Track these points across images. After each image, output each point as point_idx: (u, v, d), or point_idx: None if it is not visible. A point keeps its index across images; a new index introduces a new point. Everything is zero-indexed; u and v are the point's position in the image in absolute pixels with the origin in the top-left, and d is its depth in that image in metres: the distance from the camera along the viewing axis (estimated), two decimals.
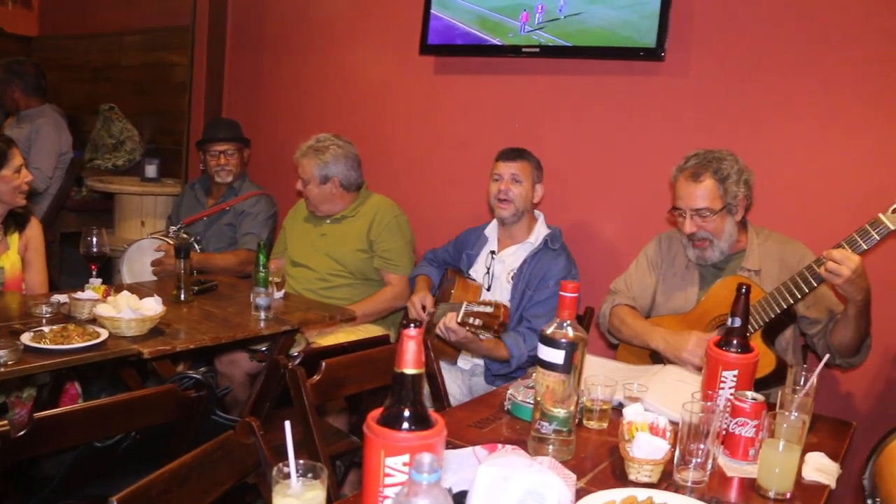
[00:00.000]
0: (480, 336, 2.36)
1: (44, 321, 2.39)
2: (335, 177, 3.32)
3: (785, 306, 2.23)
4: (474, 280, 2.97)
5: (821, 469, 1.68)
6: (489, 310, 2.31)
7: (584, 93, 3.36)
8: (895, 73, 2.65)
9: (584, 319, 3.04)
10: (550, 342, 1.61)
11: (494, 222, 3.02)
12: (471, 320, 2.32)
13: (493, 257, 2.95)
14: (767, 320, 2.27)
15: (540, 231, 2.93)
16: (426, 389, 2.33)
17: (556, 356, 1.61)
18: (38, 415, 1.61)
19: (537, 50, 3.36)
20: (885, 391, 2.76)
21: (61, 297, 2.57)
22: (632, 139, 3.24)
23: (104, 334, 2.27)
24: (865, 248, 2.09)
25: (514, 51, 3.44)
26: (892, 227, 2.06)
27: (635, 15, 3.09)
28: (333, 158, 3.31)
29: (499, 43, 3.49)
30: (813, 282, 2.16)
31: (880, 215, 2.08)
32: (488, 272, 2.94)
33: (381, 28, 4.06)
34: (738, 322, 1.76)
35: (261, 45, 4.67)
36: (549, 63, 3.43)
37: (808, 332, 2.42)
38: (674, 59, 3.07)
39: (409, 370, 1.15)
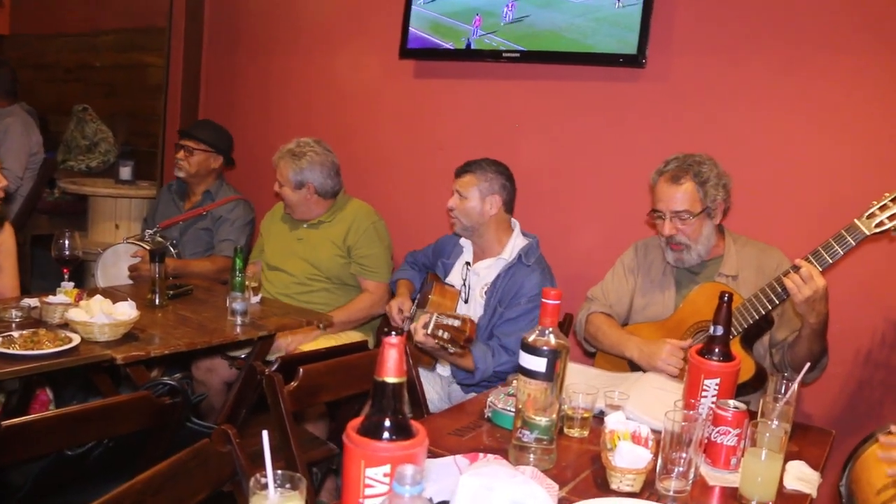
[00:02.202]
0: (448, 349, 2.33)
1: (13, 326, 2.34)
2: (310, 183, 3.28)
3: (763, 312, 2.24)
4: (453, 286, 2.95)
5: (802, 478, 1.68)
6: (457, 324, 2.27)
7: (565, 98, 3.36)
8: (873, 80, 2.68)
9: (563, 326, 3.03)
10: (532, 350, 1.60)
11: None
12: (440, 332, 2.29)
13: (468, 269, 2.92)
14: (746, 326, 2.27)
15: (515, 244, 2.86)
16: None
17: (538, 364, 1.59)
18: (6, 422, 1.56)
19: (517, 55, 3.36)
20: (856, 393, 2.78)
21: (32, 301, 2.52)
22: (612, 145, 3.25)
23: (76, 339, 2.23)
24: (842, 253, 2.10)
25: (494, 55, 3.43)
26: (867, 233, 2.08)
27: (617, 21, 3.09)
28: (309, 165, 3.27)
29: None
30: (783, 293, 2.17)
31: (856, 220, 2.10)
32: (465, 284, 2.90)
33: (360, 31, 4.03)
34: (720, 330, 1.76)
35: (238, 47, 4.63)
36: (530, 68, 3.42)
37: (770, 344, 2.43)
38: (655, 65, 3.08)
39: (391, 378, 1.12)
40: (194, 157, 3.77)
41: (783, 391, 1.81)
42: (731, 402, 1.68)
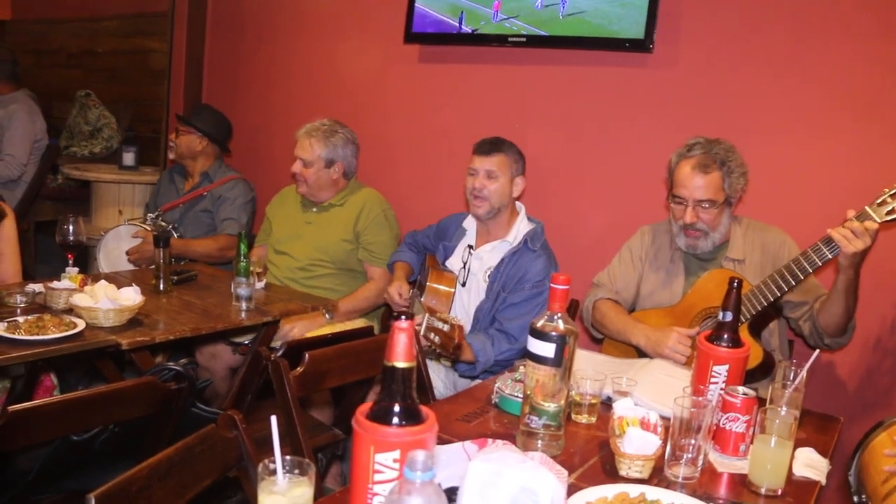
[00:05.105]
0: (438, 352, 2.31)
1: (18, 311, 2.33)
2: (340, 161, 3.28)
3: (772, 299, 2.23)
4: (450, 271, 2.92)
5: (811, 465, 1.67)
6: (446, 328, 2.24)
7: (571, 84, 3.34)
8: (885, 67, 2.65)
9: (570, 312, 3.01)
10: (541, 335, 1.59)
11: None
12: (431, 335, 2.26)
13: (470, 252, 2.89)
14: (755, 313, 2.26)
15: (520, 228, 2.83)
16: None
17: (546, 350, 1.58)
18: (11, 408, 1.56)
19: (523, 40, 3.33)
20: (865, 380, 2.77)
21: (36, 287, 2.51)
22: (619, 131, 3.22)
23: (81, 325, 2.22)
24: None
25: (499, 40, 3.40)
26: (878, 220, 2.06)
27: (624, 6, 3.06)
28: (343, 142, 3.29)
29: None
30: (809, 267, 2.15)
31: (867, 208, 2.09)
32: (465, 267, 2.88)
33: (365, 15, 4.00)
34: (729, 316, 1.75)
35: (242, 32, 4.60)
36: (536, 53, 3.39)
37: (793, 316, 2.41)
38: (662, 50, 3.05)
39: (400, 363, 1.11)
40: (181, 139, 3.81)
41: (792, 378, 1.80)
42: (741, 389, 1.67)
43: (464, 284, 2.86)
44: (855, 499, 1.93)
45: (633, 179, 3.18)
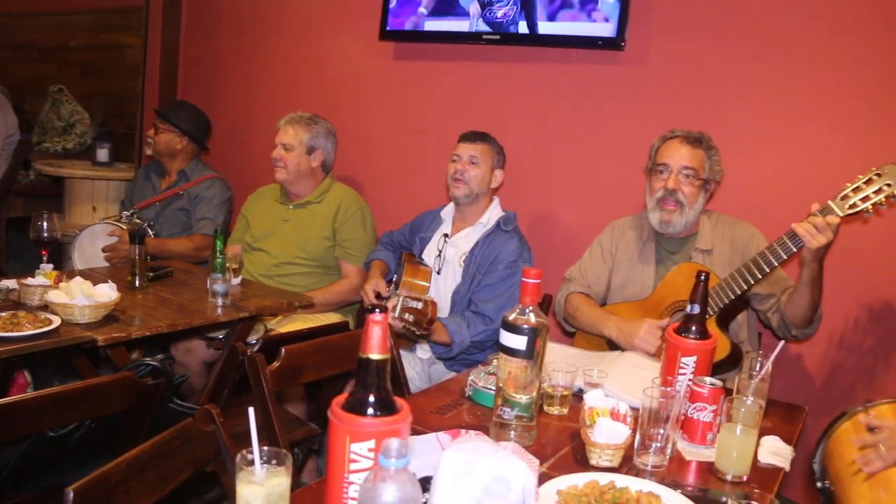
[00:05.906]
0: (414, 331, 2.35)
1: None
2: (320, 150, 3.33)
3: (739, 292, 2.27)
4: (426, 265, 2.96)
5: (775, 452, 1.71)
6: (419, 306, 2.30)
7: (544, 81, 3.37)
8: (853, 62, 2.71)
9: (543, 306, 3.05)
10: (513, 328, 1.62)
11: (451, 205, 3.00)
12: (406, 315, 2.31)
13: (445, 240, 2.94)
14: (722, 306, 2.31)
15: (493, 213, 2.91)
16: None
17: (518, 342, 1.61)
18: None
19: (497, 37, 3.36)
20: (829, 375, 2.83)
21: (10, 283, 2.50)
22: (592, 127, 3.26)
23: (56, 321, 2.21)
24: None
25: (474, 38, 3.43)
26: (841, 214, 2.11)
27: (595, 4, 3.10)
28: (324, 132, 3.35)
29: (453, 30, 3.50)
30: (774, 261, 2.19)
31: (830, 202, 2.13)
32: (440, 255, 2.92)
33: (340, 12, 4.01)
34: (696, 309, 1.79)
35: (217, 27, 4.59)
36: (509, 51, 3.42)
37: (762, 308, 2.46)
38: (634, 48, 3.09)
39: (375, 355, 1.13)
40: (160, 136, 3.79)
41: (758, 368, 1.85)
42: (708, 379, 1.71)
43: (439, 272, 2.90)
44: (818, 485, 1.98)
45: (605, 175, 3.22)
